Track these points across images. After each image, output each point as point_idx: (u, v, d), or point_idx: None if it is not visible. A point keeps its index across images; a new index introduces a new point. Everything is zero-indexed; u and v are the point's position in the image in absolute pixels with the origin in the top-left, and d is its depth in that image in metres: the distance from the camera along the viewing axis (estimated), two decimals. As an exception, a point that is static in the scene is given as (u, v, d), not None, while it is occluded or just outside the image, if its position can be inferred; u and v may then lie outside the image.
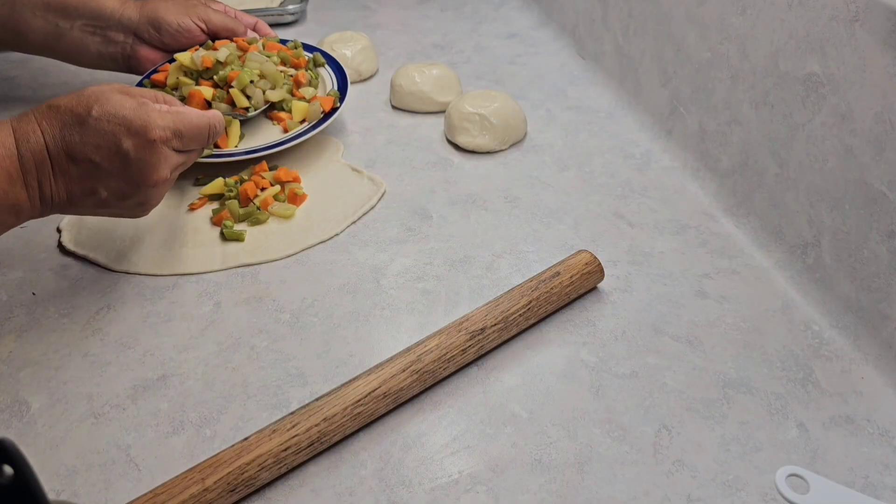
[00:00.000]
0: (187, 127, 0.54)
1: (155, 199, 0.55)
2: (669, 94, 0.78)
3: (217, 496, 0.43)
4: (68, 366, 0.54)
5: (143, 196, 0.53)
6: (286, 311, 0.59)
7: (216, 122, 0.58)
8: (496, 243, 0.66)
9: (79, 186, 0.51)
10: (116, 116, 0.50)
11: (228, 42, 0.78)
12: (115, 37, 0.78)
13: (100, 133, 0.50)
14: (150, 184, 0.52)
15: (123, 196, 0.53)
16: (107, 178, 0.51)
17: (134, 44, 0.78)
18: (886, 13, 0.51)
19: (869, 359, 0.54)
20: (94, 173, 0.51)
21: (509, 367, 0.54)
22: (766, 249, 0.64)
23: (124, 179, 0.51)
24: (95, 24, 0.77)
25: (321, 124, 0.75)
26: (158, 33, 0.78)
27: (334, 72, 0.83)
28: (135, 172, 0.51)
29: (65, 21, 0.76)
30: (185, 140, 0.54)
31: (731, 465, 0.47)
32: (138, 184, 0.52)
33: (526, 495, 0.45)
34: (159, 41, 0.78)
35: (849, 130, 0.55)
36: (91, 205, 0.53)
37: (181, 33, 0.78)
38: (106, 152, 0.50)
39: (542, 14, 1.09)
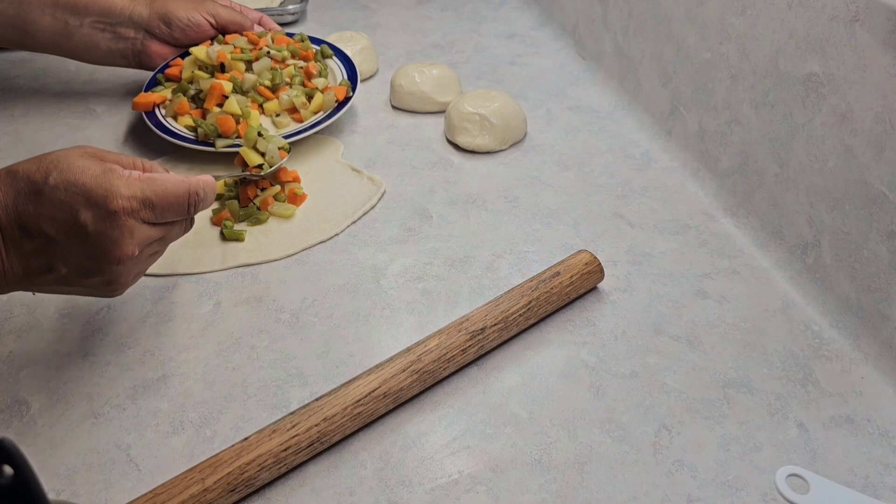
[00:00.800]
0: (160, 195, 0.47)
1: (125, 277, 0.48)
2: (669, 94, 0.78)
3: (217, 496, 0.43)
4: (68, 366, 0.54)
5: (109, 274, 0.47)
6: (286, 311, 0.59)
7: (199, 188, 0.50)
8: (496, 243, 0.66)
9: (35, 262, 0.45)
10: (75, 185, 0.44)
11: (239, 36, 0.80)
12: (126, 33, 0.78)
13: (55, 204, 0.44)
14: (113, 261, 0.46)
15: (86, 273, 0.47)
16: (64, 253, 0.45)
17: (144, 39, 0.79)
18: (886, 13, 0.51)
19: (869, 359, 0.54)
20: (49, 248, 0.45)
21: (509, 367, 0.54)
22: (766, 249, 0.64)
23: (84, 256, 0.46)
24: (105, 20, 0.77)
25: (336, 113, 0.77)
26: (169, 28, 0.78)
27: (342, 62, 0.84)
28: (94, 248, 0.45)
29: (74, 18, 0.77)
30: (157, 211, 0.48)
31: (731, 465, 0.47)
32: (99, 260, 0.46)
33: (526, 495, 0.45)
34: (170, 36, 0.79)
35: (849, 130, 0.55)
36: (52, 282, 0.47)
37: (191, 28, 0.79)
38: (62, 225, 0.44)
39: (542, 14, 1.09)
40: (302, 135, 0.74)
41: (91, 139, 0.79)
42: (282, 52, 0.80)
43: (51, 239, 0.45)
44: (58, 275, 0.46)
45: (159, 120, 0.76)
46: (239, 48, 0.78)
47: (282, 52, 0.80)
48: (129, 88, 0.89)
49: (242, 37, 0.81)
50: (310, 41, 0.86)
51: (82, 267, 0.46)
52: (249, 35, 0.81)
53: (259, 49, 0.79)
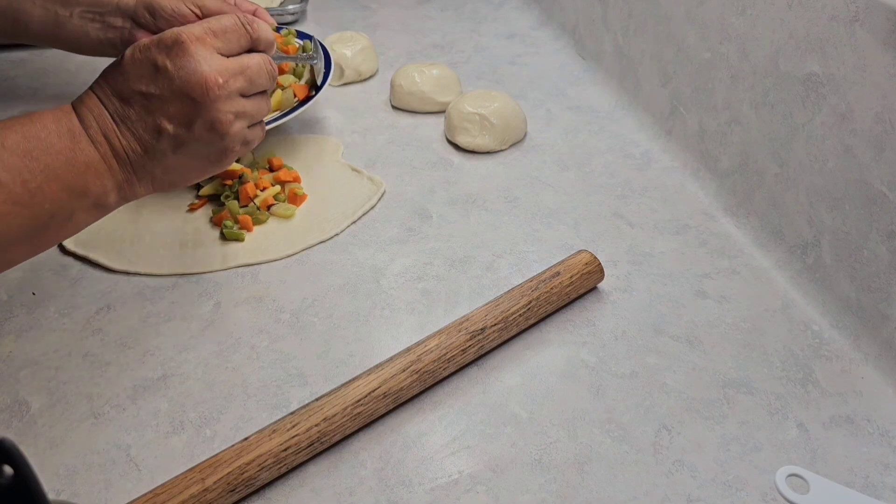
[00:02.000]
0: (217, 23, 0.52)
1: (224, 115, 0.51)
2: (669, 94, 0.78)
3: (217, 496, 0.43)
4: (68, 366, 0.54)
5: (206, 112, 0.50)
6: (286, 311, 0.59)
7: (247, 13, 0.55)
8: (496, 243, 0.66)
9: (143, 128, 0.49)
10: (146, 43, 0.50)
11: None
12: (114, 22, 0.78)
13: (135, 63, 0.49)
14: (199, 90, 0.49)
15: (188, 121, 0.50)
16: (162, 105, 0.49)
17: (132, 29, 0.79)
18: (886, 13, 0.51)
19: (869, 359, 0.54)
20: (148, 105, 0.49)
21: (509, 367, 0.54)
22: (766, 249, 0.64)
23: (177, 98, 0.49)
24: (95, 10, 0.77)
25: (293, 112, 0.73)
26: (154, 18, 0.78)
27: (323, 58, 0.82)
28: (180, 83, 0.49)
29: (64, 8, 0.77)
30: (220, 36, 0.52)
31: (731, 465, 0.47)
32: (190, 96, 0.49)
33: (526, 495, 0.45)
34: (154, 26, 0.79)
35: (849, 130, 0.55)
36: (168, 149, 0.50)
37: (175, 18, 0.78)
38: (148, 77, 0.49)
39: (542, 14, 1.09)
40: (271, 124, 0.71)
41: (91, 139, 0.79)
42: None
43: (145, 94, 0.49)
44: (167, 136, 0.50)
45: None
46: None
47: None
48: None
49: None
50: (296, 36, 0.83)
51: (181, 114, 0.50)
52: None
53: None
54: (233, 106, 0.52)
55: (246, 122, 0.53)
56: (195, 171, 0.53)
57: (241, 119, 0.53)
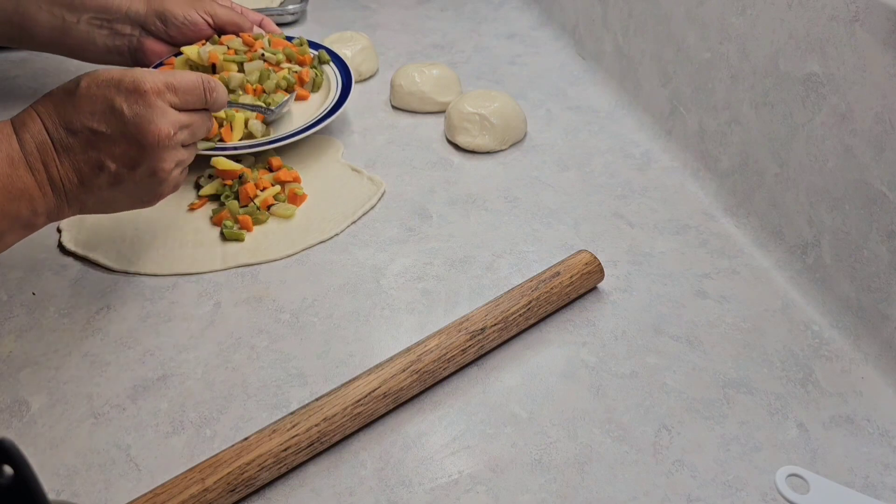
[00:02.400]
0: (179, 81, 0.53)
1: (166, 163, 0.52)
2: (669, 94, 0.78)
3: (217, 496, 0.43)
4: (68, 366, 0.54)
5: (152, 160, 0.51)
6: (286, 311, 0.59)
7: (210, 78, 0.56)
8: (496, 243, 0.66)
9: (84, 161, 0.50)
10: (104, 79, 0.50)
11: (234, 37, 0.79)
12: (122, 29, 0.78)
13: (91, 99, 0.49)
14: (151, 140, 0.50)
15: (132, 163, 0.51)
16: (109, 145, 0.50)
17: (141, 36, 0.79)
18: (886, 13, 0.51)
19: (869, 359, 0.54)
20: (94, 142, 0.50)
21: (509, 367, 0.54)
22: (766, 249, 0.64)
23: (126, 141, 0.50)
24: (102, 16, 0.77)
25: (319, 123, 0.75)
26: (165, 26, 0.78)
27: (339, 69, 0.83)
28: (133, 130, 0.50)
29: (71, 15, 0.77)
30: (180, 94, 0.53)
31: (731, 465, 0.47)
32: (140, 143, 0.50)
33: (526, 495, 0.45)
34: (165, 34, 0.79)
35: (849, 130, 0.55)
36: (105, 184, 0.51)
37: (187, 27, 0.79)
38: (101, 115, 0.49)
39: (542, 14, 1.09)
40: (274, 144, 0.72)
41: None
42: (277, 55, 0.78)
43: (94, 131, 0.49)
44: (108, 173, 0.50)
45: None
46: (233, 49, 0.77)
47: (276, 56, 0.79)
48: (129, 88, 0.89)
49: (238, 38, 0.79)
50: (308, 46, 0.84)
51: (126, 156, 0.50)
52: (245, 36, 0.79)
53: (254, 51, 0.78)
54: (175, 156, 0.54)
55: (181, 169, 0.56)
56: (125, 206, 0.55)
57: (178, 167, 0.55)
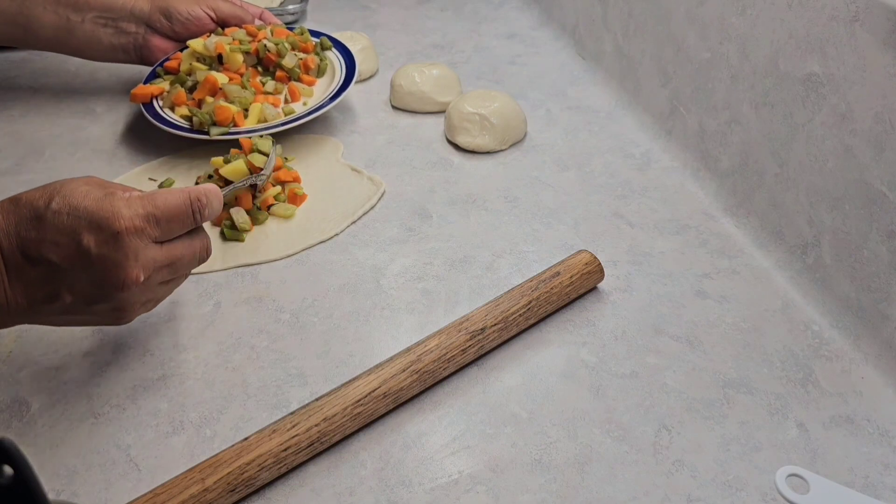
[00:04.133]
0: (161, 208, 0.46)
1: (132, 304, 0.47)
2: (669, 94, 0.78)
3: (217, 496, 0.43)
4: (68, 366, 0.54)
5: (115, 301, 0.46)
6: (286, 311, 0.59)
7: (200, 193, 0.49)
8: (496, 243, 0.66)
9: (39, 290, 0.44)
10: (77, 209, 0.44)
11: (237, 29, 0.81)
12: (127, 27, 0.79)
13: (58, 228, 0.43)
14: (118, 286, 0.44)
15: (92, 301, 0.45)
16: (69, 281, 0.44)
17: (146, 34, 0.79)
18: (886, 13, 0.51)
19: (869, 359, 0.54)
20: (53, 275, 0.44)
21: (509, 367, 0.54)
22: (766, 249, 0.64)
23: (89, 282, 0.44)
24: (107, 15, 0.78)
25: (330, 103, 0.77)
26: (170, 22, 0.79)
27: (342, 55, 0.85)
28: (99, 273, 0.44)
29: (76, 14, 0.77)
30: (162, 224, 0.46)
31: (731, 465, 0.47)
32: (105, 286, 0.45)
33: (526, 495, 0.45)
34: (170, 30, 0.80)
35: (849, 130, 0.55)
36: (57, 311, 0.45)
37: (191, 21, 0.80)
38: (65, 250, 0.43)
39: (542, 14, 1.09)
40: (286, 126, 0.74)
41: (91, 138, 0.80)
42: (280, 43, 0.80)
43: (54, 265, 0.44)
44: (63, 304, 0.45)
45: (156, 111, 0.76)
46: (237, 40, 0.79)
47: (280, 44, 0.80)
48: (129, 88, 0.88)
49: (241, 29, 0.81)
50: (310, 34, 0.86)
51: (87, 294, 0.45)
52: (248, 27, 0.81)
53: (258, 41, 0.79)
54: (144, 296, 0.48)
55: (152, 304, 0.50)
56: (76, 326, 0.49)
57: (149, 303, 0.49)
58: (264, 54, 0.79)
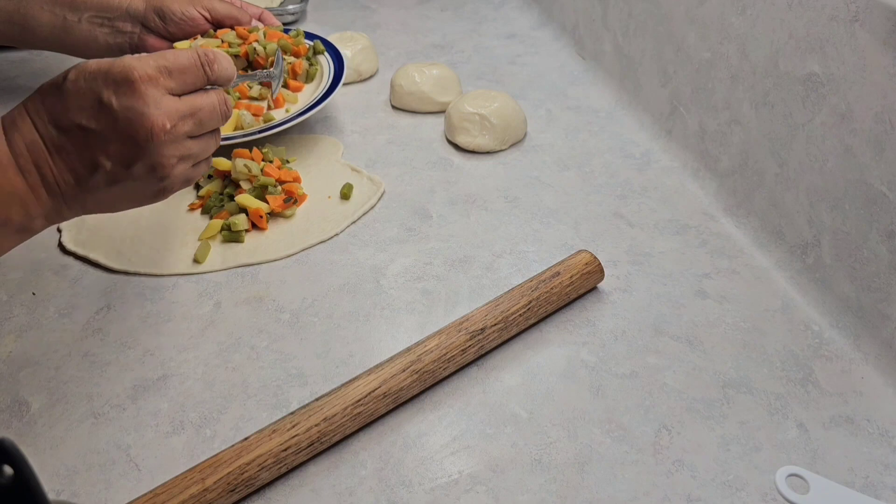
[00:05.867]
0: (171, 60, 0.48)
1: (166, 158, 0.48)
2: (669, 94, 0.78)
3: (217, 496, 0.43)
4: (68, 366, 0.54)
5: (149, 157, 0.48)
6: (286, 311, 0.59)
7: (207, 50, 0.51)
8: (496, 243, 0.66)
9: (78, 160, 0.47)
10: (92, 72, 0.46)
11: (229, 30, 0.80)
12: (123, 27, 0.79)
13: (78, 93, 0.46)
14: (144, 135, 0.46)
15: (128, 161, 0.47)
16: (102, 143, 0.46)
17: (141, 33, 0.79)
18: (886, 13, 0.51)
19: (869, 359, 0.54)
20: (87, 140, 0.46)
21: (509, 367, 0.54)
22: (766, 249, 0.64)
23: (120, 138, 0.46)
24: (103, 15, 0.78)
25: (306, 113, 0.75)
26: (164, 22, 0.79)
27: (332, 59, 0.84)
28: (125, 125, 0.46)
29: (72, 14, 0.77)
30: (176, 76, 0.48)
31: (731, 465, 0.47)
32: (133, 139, 0.47)
33: (526, 495, 0.45)
34: (164, 30, 0.80)
35: (849, 130, 0.55)
36: (102, 182, 0.48)
37: (185, 22, 0.79)
38: (89, 111, 0.46)
39: (542, 14, 1.09)
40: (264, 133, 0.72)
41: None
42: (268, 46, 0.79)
43: (84, 129, 0.46)
44: (104, 171, 0.47)
45: None
46: (227, 42, 0.78)
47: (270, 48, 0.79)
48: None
49: (233, 31, 0.80)
50: (305, 37, 0.85)
51: (122, 154, 0.47)
52: (239, 30, 0.80)
53: (248, 44, 0.79)
54: (177, 150, 0.49)
55: (190, 163, 0.51)
56: (129, 204, 0.51)
57: (185, 161, 0.51)
58: (254, 58, 0.78)
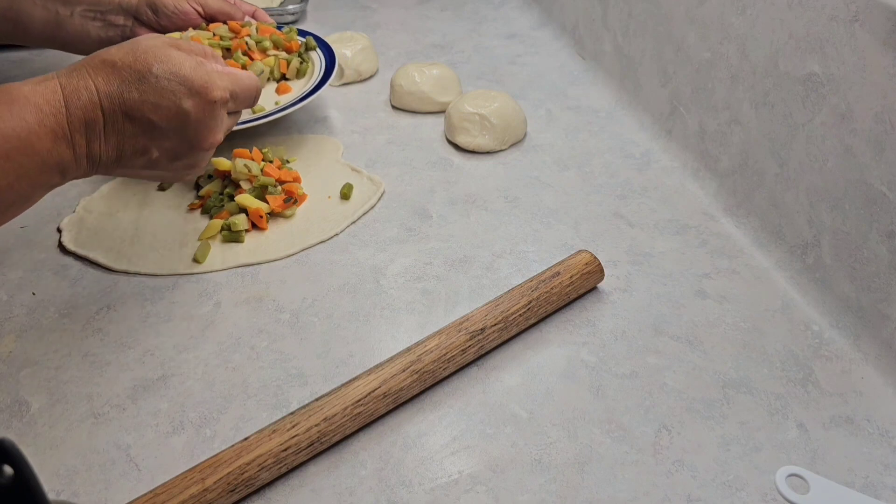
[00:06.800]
0: (241, 88, 0.54)
1: (205, 161, 0.54)
2: (669, 94, 0.78)
3: (217, 496, 0.43)
4: (68, 366, 0.54)
5: (194, 158, 0.52)
6: (286, 311, 0.59)
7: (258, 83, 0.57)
8: (496, 243, 0.66)
9: (131, 144, 0.49)
10: (177, 75, 0.49)
11: (221, 24, 0.80)
12: (116, 20, 0.78)
13: (160, 92, 0.48)
14: (205, 146, 0.51)
15: (176, 157, 0.51)
16: (161, 139, 0.49)
17: (133, 27, 0.79)
18: (886, 13, 0.51)
19: (869, 359, 0.54)
20: (150, 132, 0.49)
21: (509, 367, 0.54)
22: (766, 249, 0.64)
23: (180, 140, 0.50)
24: (96, 9, 0.78)
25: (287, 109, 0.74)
26: (156, 16, 0.79)
27: (324, 55, 0.84)
28: (192, 134, 0.50)
29: (65, 8, 0.77)
30: (238, 102, 0.54)
31: (731, 465, 0.47)
32: (193, 146, 0.51)
33: (526, 495, 0.45)
34: (157, 23, 0.80)
35: (849, 130, 0.55)
36: (141, 165, 0.51)
37: (177, 16, 0.79)
38: (165, 112, 0.48)
39: (542, 14, 1.09)
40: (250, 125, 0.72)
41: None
42: (263, 41, 0.80)
43: (153, 124, 0.48)
44: (148, 158, 0.50)
45: None
46: (218, 35, 0.78)
47: (263, 42, 0.80)
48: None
49: (225, 25, 0.80)
50: (297, 34, 0.85)
51: (174, 151, 0.50)
52: (232, 24, 0.80)
53: (240, 38, 0.79)
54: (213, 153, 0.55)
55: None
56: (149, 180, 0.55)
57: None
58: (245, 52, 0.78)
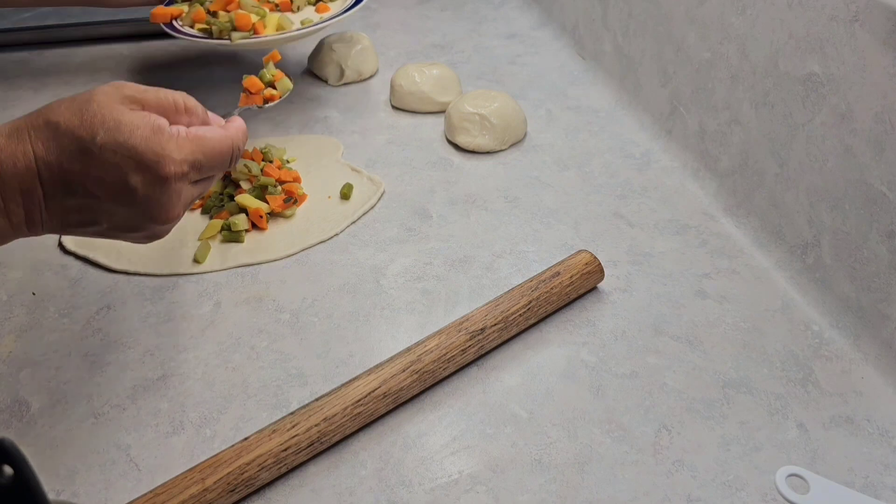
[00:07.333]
0: (208, 155, 0.46)
1: (166, 232, 0.48)
2: (669, 94, 0.78)
3: (217, 496, 0.43)
4: (68, 366, 0.54)
5: (151, 231, 0.47)
6: (286, 311, 0.59)
7: (240, 141, 0.49)
8: (496, 243, 0.66)
9: (76, 217, 0.44)
10: (125, 146, 0.42)
11: None
12: None
13: (104, 166, 0.42)
14: (160, 222, 0.45)
15: (130, 229, 0.46)
16: (109, 213, 0.44)
17: None
18: (886, 13, 0.51)
19: (869, 359, 0.54)
20: (94, 207, 0.44)
21: (509, 367, 0.54)
22: (766, 249, 0.64)
23: (131, 216, 0.45)
24: None
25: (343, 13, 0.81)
26: None
27: None
28: (142, 210, 0.44)
29: None
30: (204, 170, 0.47)
31: (731, 465, 0.47)
32: (145, 222, 0.45)
33: (526, 495, 0.45)
34: None
35: (849, 130, 0.55)
36: (90, 234, 0.46)
37: None
38: (110, 187, 0.42)
39: (542, 14, 1.09)
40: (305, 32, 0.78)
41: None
42: None
43: (97, 198, 0.43)
44: (98, 228, 0.45)
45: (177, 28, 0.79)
46: None
47: None
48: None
49: None
50: None
51: (127, 225, 0.45)
52: None
53: None
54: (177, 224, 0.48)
55: None
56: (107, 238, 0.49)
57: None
58: None
